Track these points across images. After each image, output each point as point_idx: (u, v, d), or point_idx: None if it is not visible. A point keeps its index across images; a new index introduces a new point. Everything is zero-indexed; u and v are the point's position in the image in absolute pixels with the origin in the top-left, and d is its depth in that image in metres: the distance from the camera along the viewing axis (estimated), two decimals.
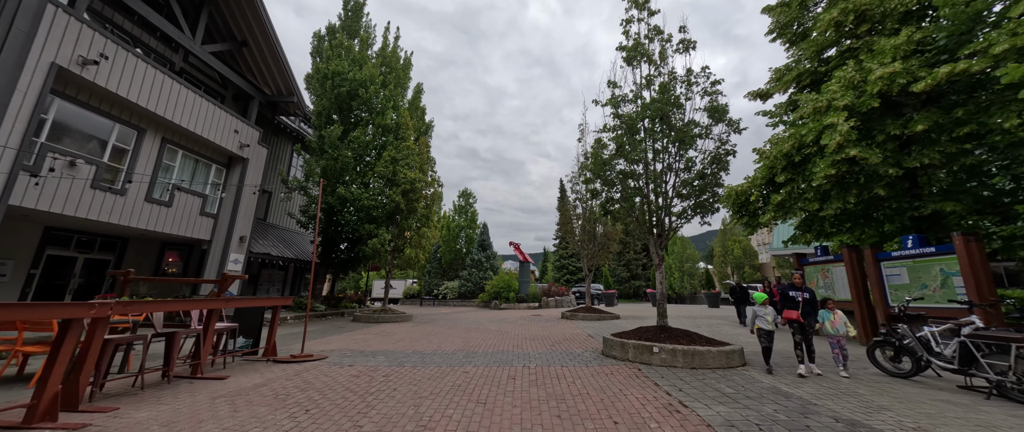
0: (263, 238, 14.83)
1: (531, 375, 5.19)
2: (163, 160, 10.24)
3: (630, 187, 7.17)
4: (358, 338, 8.92)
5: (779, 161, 9.57)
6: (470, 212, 31.62)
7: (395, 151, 14.89)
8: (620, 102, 7.07)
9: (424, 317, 15.18)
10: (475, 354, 6.81)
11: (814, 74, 10.69)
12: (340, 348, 7.42)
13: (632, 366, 5.55)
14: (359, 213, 14.61)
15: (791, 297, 5.50)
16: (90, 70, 7.99)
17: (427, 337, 9.13)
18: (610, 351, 6.24)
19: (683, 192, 6.65)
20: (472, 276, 25.60)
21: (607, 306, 20.35)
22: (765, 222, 9.96)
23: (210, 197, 11.79)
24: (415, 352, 7.05)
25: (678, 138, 6.57)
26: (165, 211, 10.23)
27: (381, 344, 7.99)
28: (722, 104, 6.46)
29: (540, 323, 12.29)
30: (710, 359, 5.31)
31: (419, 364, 5.95)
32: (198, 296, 8.51)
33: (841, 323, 5.41)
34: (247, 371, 5.28)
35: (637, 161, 7.06)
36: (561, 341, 8.34)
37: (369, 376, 5.15)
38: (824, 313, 5.54)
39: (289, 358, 6.02)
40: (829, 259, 8.99)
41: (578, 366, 5.71)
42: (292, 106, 14.21)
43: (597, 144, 7.62)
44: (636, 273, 41.28)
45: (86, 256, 10.84)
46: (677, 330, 6.33)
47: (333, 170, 14.57)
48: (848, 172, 8.17)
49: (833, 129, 8.04)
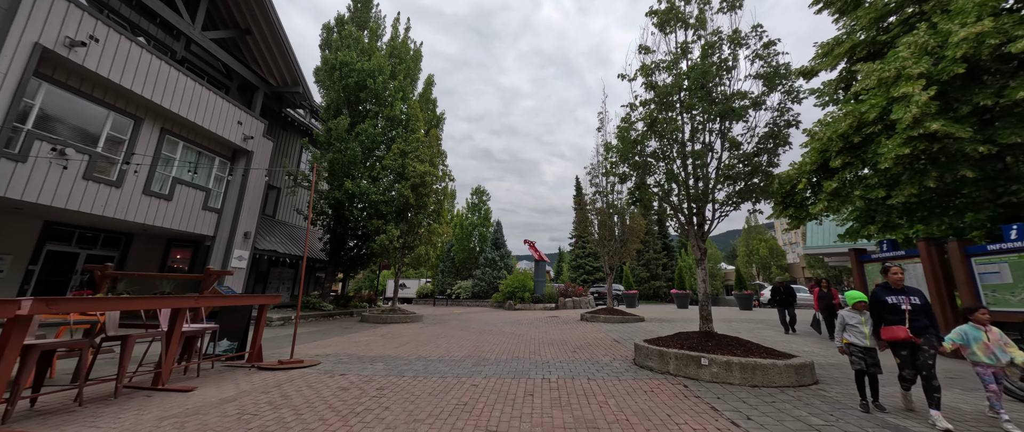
0: (270, 235, 14.41)
1: (552, 391, 4.29)
2: (162, 151, 9.80)
3: (665, 170, 6.17)
4: (360, 340, 8.20)
5: (834, 143, 8.35)
6: (484, 210, 30.88)
7: (404, 144, 14.22)
8: (653, 70, 6.07)
9: (435, 318, 14.45)
10: (486, 362, 5.95)
11: (872, 45, 9.38)
12: (337, 352, 6.69)
13: (675, 381, 4.57)
14: (368, 208, 14.00)
15: (889, 304, 3.64)
16: (78, 53, 7.53)
17: (435, 340, 8.34)
18: (645, 361, 5.27)
19: (730, 173, 5.61)
20: (486, 275, 24.82)
21: (628, 307, 19.20)
22: (817, 213, 8.73)
23: (213, 191, 11.35)
24: (419, 358, 6.24)
25: (722, 111, 5.53)
26: (165, 205, 9.79)
27: (383, 348, 7.23)
28: (783, 64, 5.37)
29: (558, 325, 11.35)
30: (775, 375, 4.28)
31: (421, 373, 5.13)
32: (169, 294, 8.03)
33: (999, 344, 3.29)
34: (222, 380, 4.57)
35: (673, 140, 6.05)
36: (583, 347, 7.40)
37: (360, 389, 4.35)
38: (967, 330, 3.41)
39: (276, 365, 5.30)
40: (898, 255, 7.71)
41: (608, 379, 4.77)
42: (298, 97, 13.72)
43: (625, 122, 6.64)
44: (656, 273, 39.67)
45: (89, 252, 10.54)
46: (726, 337, 5.30)
47: (340, 163, 14.00)
48: (925, 151, 6.92)
49: (907, 101, 6.82)
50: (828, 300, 8.69)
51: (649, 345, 5.34)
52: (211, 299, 4.57)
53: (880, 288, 3.86)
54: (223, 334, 5.65)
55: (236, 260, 11.50)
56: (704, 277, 5.71)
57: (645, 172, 6.36)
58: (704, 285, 5.69)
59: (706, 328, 5.54)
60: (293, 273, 17.75)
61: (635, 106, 6.51)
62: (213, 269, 5.69)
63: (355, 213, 13.73)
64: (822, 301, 8.79)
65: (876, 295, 3.82)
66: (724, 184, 5.82)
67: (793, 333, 9.41)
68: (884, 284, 3.88)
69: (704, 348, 4.89)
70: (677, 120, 6.05)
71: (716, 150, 5.90)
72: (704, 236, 5.91)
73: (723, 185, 5.81)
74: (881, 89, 7.70)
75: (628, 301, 20.99)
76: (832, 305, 8.55)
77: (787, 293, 9.85)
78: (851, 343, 3.78)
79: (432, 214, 14.76)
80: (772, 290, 10.40)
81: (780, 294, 10.06)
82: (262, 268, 16.03)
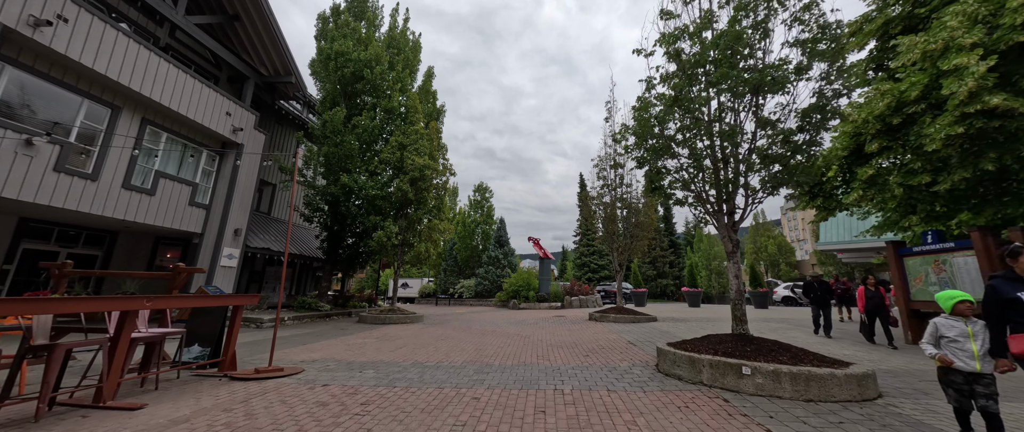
0: (264, 232, 13.84)
1: (567, 406, 3.62)
2: (143, 143, 9.21)
3: (689, 153, 5.48)
4: (354, 343, 7.57)
5: (869, 125, 7.60)
6: (486, 207, 30.24)
7: (402, 136, 13.59)
8: (677, 37, 5.36)
9: (436, 318, 13.82)
10: (489, 369, 5.29)
11: (908, 19, 8.60)
12: (326, 357, 6.06)
13: (712, 394, 3.88)
14: (365, 204, 13.39)
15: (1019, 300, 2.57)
16: (45, 33, 6.94)
17: (434, 343, 7.69)
18: (672, 368, 4.58)
19: (769, 153, 4.89)
20: (489, 274, 24.18)
21: (637, 306, 18.49)
22: (850, 204, 7.98)
23: (201, 186, 10.76)
24: (415, 364, 5.59)
25: (756, 83, 4.82)
26: (147, 200, 9.21)
27: (378, 352, 6.59)
28: (831, 23, 4.64)
29: (566, 326, 10.68)
30: (834, 387, 3.59)
31: (415, 383, 4.48)
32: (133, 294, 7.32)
33: None
34: (182, 394, 3.94)
35: (699, 119, 5.36)
36: (597, 350, 6.72)
37: (342, 404, 3.70)
38: None
39: (251, 373, 4.67)
40: (945, 247, 6.96)
41: (632, 391, 4.09)
42: (291, 87, 13.11)
43: (642, 101, 5.94)
44: (663, 271, 38.89)
45: (70, 251, 9.99)
46: (765, 341, 4.60)
47: (336, 157, 13.39)
48: (982, 130, 6.17)
49: (961, 73, 6.07)
50: (877, 300, 7.44)
51: (676, 350, 4.65)
52: (167, 300, 3.94)
53: (1002, 280, 2.74)
54: (194, 339, 5.03)
55: (226, 258, 10.92)
56: (737, 272, 5.02)
57: (666, 155, 5.67)
58: (737, 281, 4.99)
59: (741, 330, 4.84)
60: (291, 273, 17.20)
61: (653, 83, 5.81)
62: (183, 266, 5.07)
63: (352, 209, 13.12)
64: (869, 301, 7.51)
65: (998, 290, 2.70)
66: (758, 168, 5.11)
67: (827, 337, 8.24)
68: (1007, 274, 2.76)
69: (743, 354, 4.20)
70: (703, 96, 5.35)
71: (746, 131, 5.19)
72: (735, 226, 5.21)
73: (757, 169, 5.10)
74: (926, 63, 6.95)
75: (637, 299, 20.27)
76: (882, 306, 7.41)
77: (822, 289, 8.63)
78: (951, 368, 2.66)
79: (432, 210, 14.11)
80: (805, 286, 9.18)
81: (814, 290, 8.74)
82: (257, 267, 15.46)
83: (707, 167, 5.40)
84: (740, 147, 5.11)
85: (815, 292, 8.71)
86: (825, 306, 8.45)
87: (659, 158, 5.71)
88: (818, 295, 8.62)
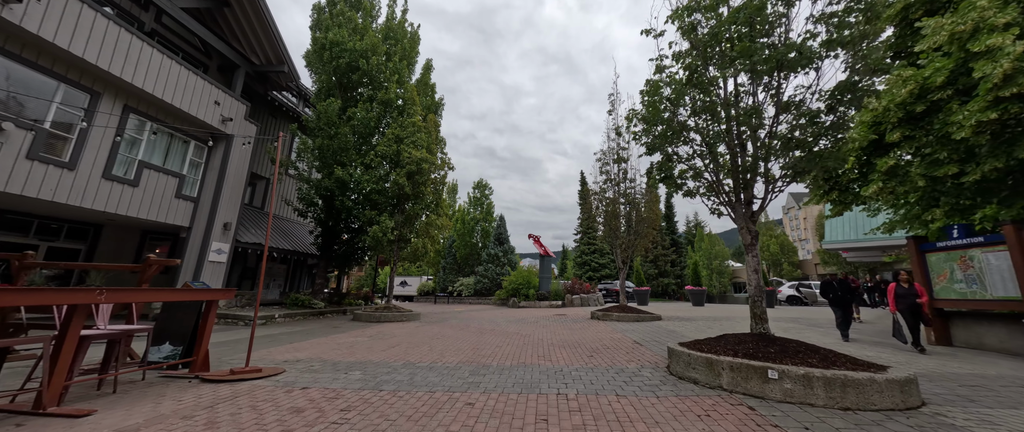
0: (257, 227, 13.43)
1: (573, 413, 3.22)
2: (126, 131, 8.80)
3: (703, 138, 5.06)
4: (344, 342, 7.17)
5: (890, 114, 7.18)
6: (486, 204, 29.84)
7: (399, 129, 13.16)
8: (692, 9, 4.94)
9: (434, 316, 13.42)
10: (486, 370, 4.89)
11: (931, 2, 8.16)
12: (311, 357, 5.66)
13: (734, 400, 3.47)
14: (360, 198, 12.98)
15: None
16: (14, 11, 6.52)
17: (429, 342, 7.29)
18: (686, 371, 4.17)
19: (792, 137, 4.47)
20: (488, 272, 23.78)
21: (639, 304, 18.09)
22: (869, 196, 7.55)
23: (188, 178, 10.35)
24: (406, 365, 5.18)
25: (779, 57, 4.40)
26: (130, 191, 8.80)
27: (368, 351, 6.19)
28: None
29: (567, 324, 10.27)
30: (874, 394, 3.18)
31: (404, 386, 4.07)
32: None
33: None
34: (141, 399, 3.53)
35: (714, 100, 4.94)
36: (601, 350, 6.31)
37: (319, 410, 3.30)
38: None
39: (226, 375, 4.26)
40: (973, 242, 6.55)
41: (643, 395, 3.69)
42: (283, 77, 12.68)
43: (651, 85, 5.52)
44: (664, 269, 38.46)
45: (50, 244, 9.58)
46: (790, 341, 4.19)
47: (331, 150, 12.98)
48: (1017, 115, 5.75)
49: (995, 55, 5.65)
50: (910, 299, 6.59)
51: (691, 351, 4.24)
52: (127, 293, 3.53)
53: None
54: (165, 337, 4.62)
55: (215, 253, 10.52)
56: (756, 266, 4.60)
57: (678, 140, 5.25)
58: (756, 276, 4.57)
59: (761, 329, 4.43)
60: (286, 269, 16.80)
61: (664, 62, 5.40)
62: (154, 258, 4.66)
63: (347, 204, 12.70)
64: (902, 300, 6.66)
65: None
66: (779, 153, 4.69)
67: (847, 341, 7.37)
68: None
69: (767, 356, 3.79)
70: (721, 74, 4.93)
71: (767, 114, 4.77)
72: (754, 217, 4.80)
73: (778, 155, 4.68)
74: (952, 46, 6.52)
75: (640, 298, 19.87)
76: (916, 305, 6.55)
77: (843, 289, 7.77)
78: None
79: (430, 205, 13.69)
80: (823, 285, 8.27)
81: (834, 290, 7.90)
82: (250, 263, 15.06)
83: (722, 153, 4.98)
84: (760, 130, 4.69)
85: (835, 292, 7.90)
86: (846, 307, 7.68)
87: (670, 144, 5.29)
88: (839, 295, 7.81)
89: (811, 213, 66.72)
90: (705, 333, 8.30)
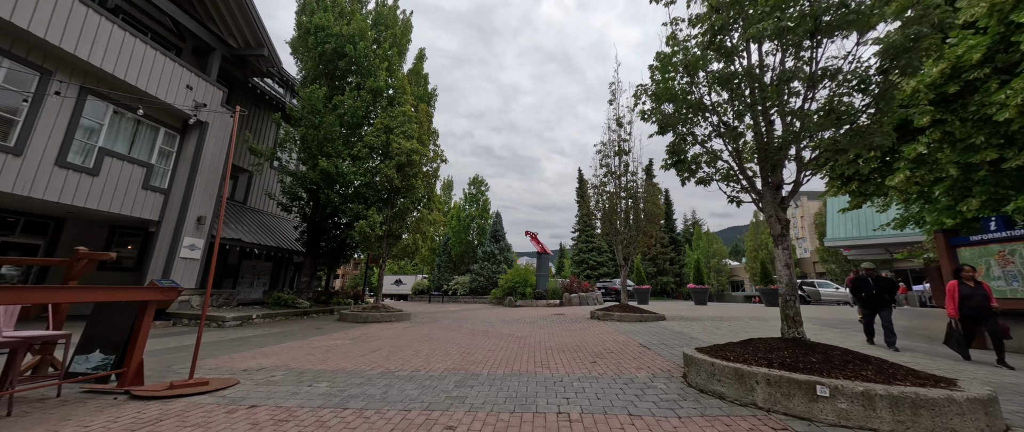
0: (237, 222, 12.67)
1: None
2: (84, 115, 8.03)
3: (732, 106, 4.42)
4: (321, 346, 6.48)
5: (920, 95, 6.59)
6: (482, 200, 29.15)
7: (388, 118, 12.45)
8: None
9: (426, 315, 12.75)
10: (475, 380, 4.23)
11: None
12: (277, 364, 4.97)
13: (773, 422, 2.84)
14: (348, 192, 12.27)
15: None
16: None
17: (416, 345, 6.62)
18: (708, 383, 3.53)
19: (832, 109, 3.82)
20: (484, 270, 23.12)
21: (640, 303, 17.50)
22: (897, 186, 6.95)
23: (157, 167, 9.59)
24: (383, 374, 4.51)
25: (819, 13, 3.76)
26: (89, 181, 8.04)
27: (345, 357, 5.51)
28: None
29: (566, 325, 9.63)
30: (954, 416, 2.55)
31: (375, 402, 3.41)
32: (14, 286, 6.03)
33: None
34: (40, 422, 2.84)
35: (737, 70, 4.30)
36: (605, 354, 5.67)
37: None
38: None
39: (163, 389, 3.57)
40: (1015, 235, 5.96)
41: (661, 415, 3.04)
42: (263, 62, 11.91)
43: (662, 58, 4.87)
44: (663, 268, 38.02)
45: (4, 239, 8.80)
46: (834, 349, 3.55)
47: (315, 140, 12.24)
48: None
49: None
50: (978, 300, 5.39)
51: (713, 359, 3.60)
52: (25, 293, 2.83)
53: None
54: (95, 344, 3.92)
55: (187, 250, 9.78)
56: (788, 260, 3.97)
57: (696, 116, 4.61)
58: (788, 272, 3.94)
59: (795, 334, 3.80)
60: (271, 266, 16.04)
61: (678, 27, 4.75)
62: (84, 250, 3.95)
63: (333, 198, 11.98)
64: (967, 303, 5.46)
65: None
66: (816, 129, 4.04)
67: (892, 348, 6.18)
68: None
69: (809, 367, 3.16)
70: (743, 43, 4.29)
71: (800, 84, 4.13)
72: (783, 203, 4.16)
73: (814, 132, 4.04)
74: (991, 20, 5.93)
75: (640, 297, 19.29)
76: (986, 307, 5.36)
77: (884, 287, 6.47)
78: None
79: (421, 199, 12.99)
80: (856, 283, 6.85)
81: (868, 289, 6.57)
82: (231, 260, 14.30)
83: (743, 132, 4.34)
84: (792, 101, 4.05)
85: (869, 291, 6.57)
86: (882, 308, 6.39)
87: (684, 123, 4.65)
88: (873, 295, 6.51)
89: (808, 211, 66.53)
90: (714, 334, 7.69)
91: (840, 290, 20.73)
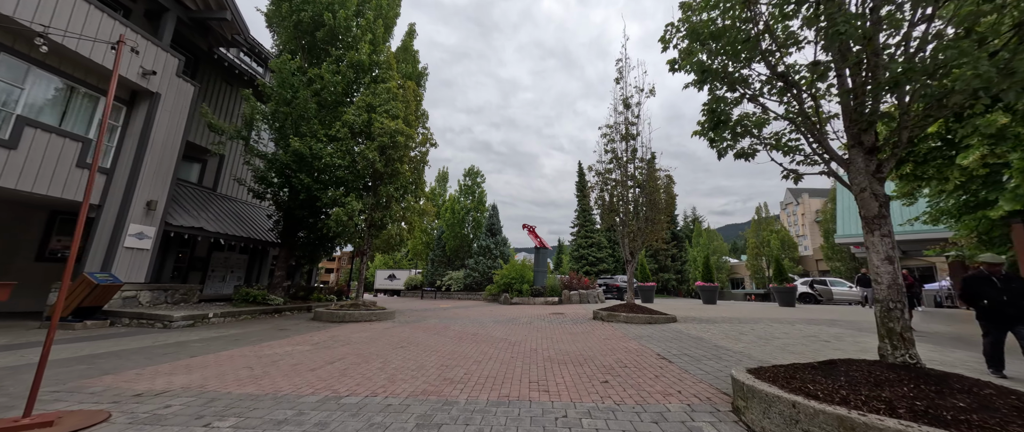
0: (203, 210, 11.41)
1: None
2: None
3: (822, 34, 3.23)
4: (268, 356, 5.28)
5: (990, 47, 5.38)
6: (478, 193, 27.92)
7: (371, 96, 11.17)
8: None
9: (412, 314, 11.58)
10: (447, 412, 3.04)
11: None
12: (185, 386, 3.77)
13: None
14: (323, 177, 11.02)
15: None
16: None
17: (386, 353, 5.44)
18: (776, 426, 2.35)
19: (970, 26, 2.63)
20: (479, 265, 21.95)
21: (644, 302, 16.39)
22: (971, 166, 5.76)
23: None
24: (324, 401, 3.33)
25: None
26: (4, 155, 6.77)
27: (287, 374, 4.31)
28: None
29: (566, 327, 8.48)
30: None
31: None
32: None
33: None
34: None
35: None
36: (617, 369, 4.50)
37: None
38: None
39: None
40: None
41: None
42: (227, 27, 10.59)
43: None
44: (664, 264, 36.98)
45: None
46: (979, 385, 2.38)
47: (289, 118, 10.97)
48: None
49: None
50: None
51: (792, 396, 2.41)
52: None
53: None
54: None
55: (134, 238, 8.53)
56: (889, 252, 2.78)
57: (751, 59, 3.41)
58: (891, 268, 2.75)
59: (905, 357, 2.62)
60: (246, 259, 14.80)
61: None
62: None
63: (306, 181, 10.72)
64: None
65: None
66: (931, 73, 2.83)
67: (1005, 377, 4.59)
68: None
69: (955, 414, 1.98)
70: None
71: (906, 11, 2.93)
72: (881, 169, 2.97)
73: (931, 75, 2.83)
74: None
75: (644, 295, 18.20)
76: None
77: (1015, 289, 4.85)
78: None
79: (407, 185, 11.75)
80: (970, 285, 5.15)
81: (995, 294, 4.86)
82: (199, 252, 13.06)
83: (826, 71, 3.14)
84: (898, 30, 2.85)
85: (997, 296, 4.77)
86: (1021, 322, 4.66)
87: (739, 62, 3.44)
88: (1003, 303, 4.77)
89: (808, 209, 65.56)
90: (738, 340, 6.53)
91: (853, 289, 19.71)
